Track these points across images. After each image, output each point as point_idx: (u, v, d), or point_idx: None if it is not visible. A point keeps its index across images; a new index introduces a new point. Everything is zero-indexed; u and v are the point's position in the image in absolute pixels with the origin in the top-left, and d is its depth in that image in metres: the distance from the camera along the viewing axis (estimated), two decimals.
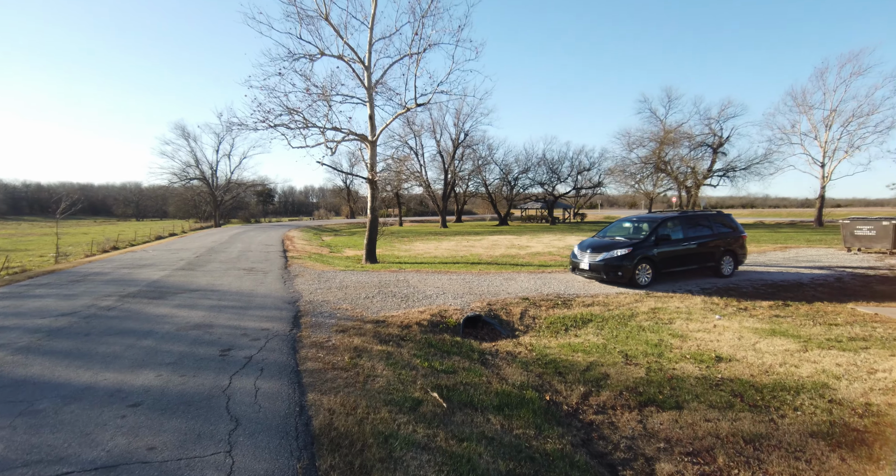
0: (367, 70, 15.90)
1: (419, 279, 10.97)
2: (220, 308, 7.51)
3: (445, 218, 48.05)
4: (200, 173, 50.73)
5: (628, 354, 6.06)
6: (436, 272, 12.23)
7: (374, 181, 16.83)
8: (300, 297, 8.68)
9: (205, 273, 11.74)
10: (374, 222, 17.01)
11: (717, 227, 10.99)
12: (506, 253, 19.20)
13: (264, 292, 9.11)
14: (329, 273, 11.92)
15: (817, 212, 34.39)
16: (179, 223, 51.63)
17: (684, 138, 29.36)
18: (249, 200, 76.25)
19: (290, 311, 7.44)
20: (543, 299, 8.85)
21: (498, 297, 9.02)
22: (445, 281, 10.75)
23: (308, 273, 11.87)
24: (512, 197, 51.50)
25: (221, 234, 29.47)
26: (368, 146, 16.53)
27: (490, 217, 71.77)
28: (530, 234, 32.20)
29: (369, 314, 7.42)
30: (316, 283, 10.22)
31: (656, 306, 8.36)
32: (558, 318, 7.80)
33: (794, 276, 10.89)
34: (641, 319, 7.65)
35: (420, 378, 4.75)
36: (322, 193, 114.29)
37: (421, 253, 19.96)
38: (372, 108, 16.42)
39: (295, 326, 6.41)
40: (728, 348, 6.01)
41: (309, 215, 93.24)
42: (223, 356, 4.96)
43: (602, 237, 11.28)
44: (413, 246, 23.74)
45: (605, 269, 9.90)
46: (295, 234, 30.09)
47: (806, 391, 4.60)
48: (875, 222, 14.10)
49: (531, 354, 6.25)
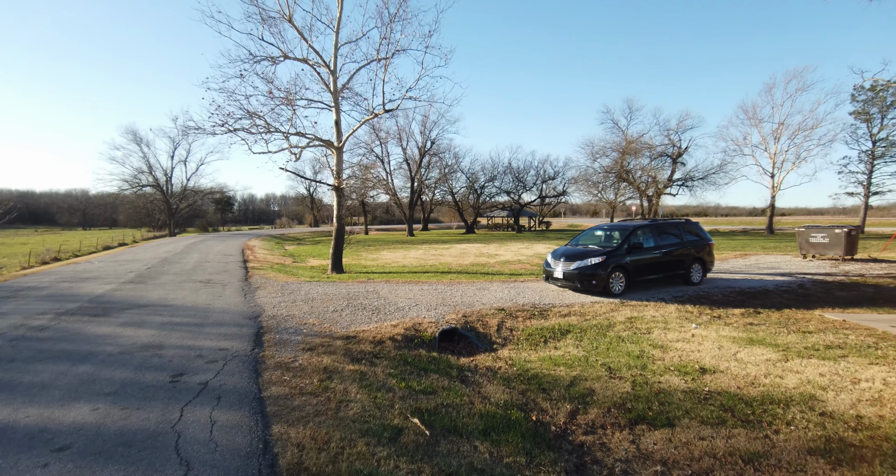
0: (333, 74, 15.43)
1: (390, 290, 10.53)
2: (172, 326, 6.83)
3: (412, 226, 47.59)
4: (154, 180, 48.27)
5: (611, 367, 5.86)
6: (406, 282, 11.82)
7: (341, 188, 16.30)
8: (262, 311, 8.08)
9: (156, 286, 10.87)
10: (341, 231, 16.45)
11: (685, 235, 11.12)
12: (475, 261, 18.98)
13: (223, 307, 8.44)
14: (293, 284, 11.29)
15: (768, 220, 36.15)
16: (131, 232, 48.85)
17: (645, 148, 30.28)
18: (207, 208, 73.19)
19: (252, 327, 6.87)
20: (519, 310, 8.61)
21: (473, 308, 8.71)
22: (417, 291, 10.36)
23: (270, 285, 11.21)
24: (478, 205, 51.65)
25: (176, 244, 27.94)
26: (334, 152, 16.02)
27: (456, 225, 71.79)
28: (498, 242, 32.22)
29: (339, 329, 6.94)
30: (279, 296, 9.61)
31: (632, 315, 8.27)
32: (536, 330, 7.56)
33: (759, 283, 11.14)
34: (620, 329, 7.51)
35: (398, 401, 4.35)
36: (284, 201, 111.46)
37: (389, 262, 19.46)
38: (338, 113, 15.95)
39: (257, 345, 5.87)
40: (710, 359, 5.91)
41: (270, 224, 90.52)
42: (174, 383, 4.39)
43: (575, 245, 11.21)
44: (380, 255, 23.19)
45: (580, 278, 9.79)
46: (256, 244, 28.92)
47: (795, 404, 4.50)
48: (828, 230, 14.75)
49: (512, 369, 5.95)
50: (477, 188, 51.06)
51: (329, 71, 15.35)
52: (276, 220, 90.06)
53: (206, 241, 30.73)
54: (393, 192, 46.97)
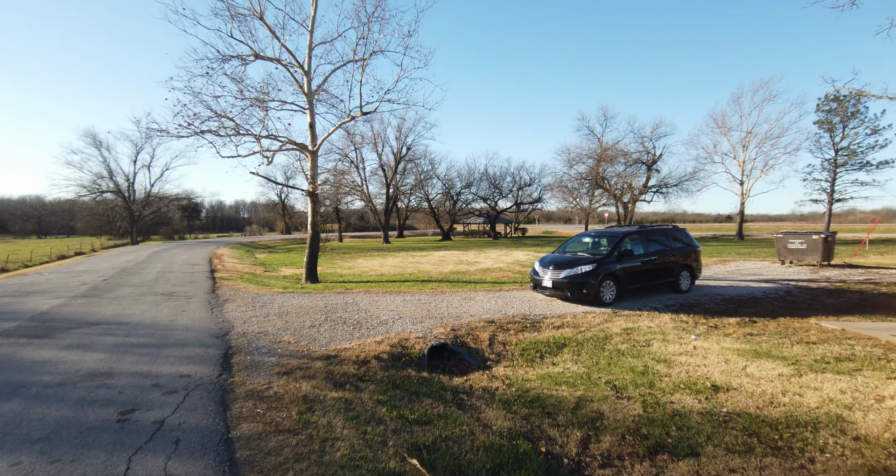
0: (307, 75, 14.78)
1: (370, 301, 9.90)
2: (126, 348, 6.04)
3: (388, 233, 46.80)
4: (115, 186, 45.97)
5: (617, 386, 5.43)
6: (387, 293, 11.20)
7: (315, 194, 15.60)
8: (231, 328, 7.34)
9: (112, 300, 9.91)
10: (316, 238, 15.71)
11: (673, 242, 10.93)
12: (455, 269, 18.49)
13: (186, 323, 7.65)
14: (265, 296, 10.52)
15: (738, 226, 37.05)
16: (89, 241, 46.30)
17: (621, 155, 30.59)
18: (173, 216, 70.43)
19: (219, 347, 6.15)
20: (510, 322, 8.14)
21: (461, 320, 8.19)
22: (400, 303, 9.76)
23: (240, 297, 10.40)
24: (454, 212, 51.31)
25: (138, 253, 26.42)
26: (309, 156, 15.32)
27: (432, 232, 71.24)
28: (476, 249, 31.85)
29: (318, 348, 6.30)
30: (250, 310, 8.85)
31: (628, 326, 7.91)
32: (530, 344, 7.09)
33: (747, 291, 11.02)
34: (617, 342, 7.12)
35: (391, 436, 3.78)
36: (254, 208, 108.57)
37: (366, 270, 18.77)
38: (312, 115, 15.28)
39: (225, 369, 5.18)
40: (720, 374, 5.55)
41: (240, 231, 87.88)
42: (123, 422, 3.69)
43: (563, 253, 10.85)
44: (356, 263, 22.44)
45: (570, 287, 9.40)
46: (224, 252, 27.66)
47: (823, 426, 4.14)
48: (806, 236, 14.93)
49: (510, 390, 5.45)
50: (453, 195, 50.75)
51: (303, 72, 14.69)
52: (246, 228, 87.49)
53: (171, 250, 29.24)
54: (368, 199, 46.15)
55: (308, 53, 14.73)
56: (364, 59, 14.33)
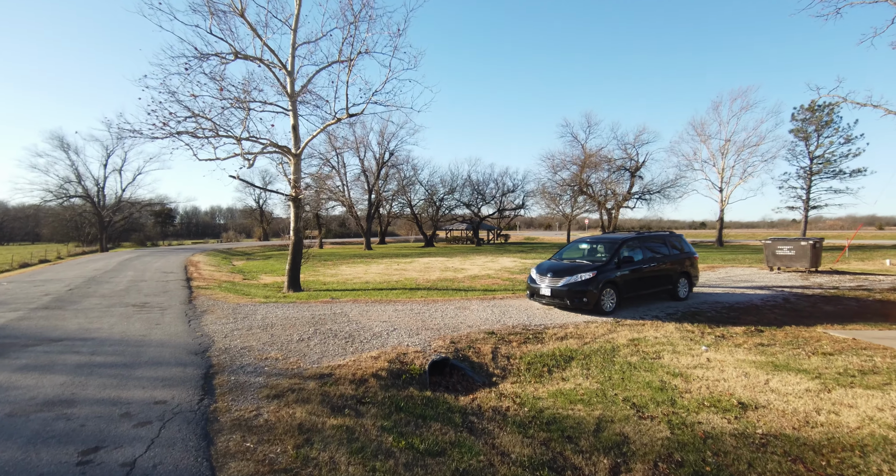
0: (290, 76, 14.25)
1: (360, 311, 9.36)
2: (91, 368, 5.38)
3: (370, 240, 46.03)
4: (83, 191, 44.06)
5: (636, 404, 5.04)
6: (376, 302, 10.66)
7: (299, 199, 14.99)
8: (211, 343, 6.72)
9: (77, 312, 9.12)
10: (298, 245, 15.08)
11: (671, 248, 10.71)
12: (442, 276, 18.04)
13: (161, 338, 6.98)
14: (247, 306, 9.86)
15: (718, 233, 37.61)
16: (55, 248, 44.21)
17: (604, 162, 30.73)
18: (145, 222, 68.07)
19: (199, 366, 5.54)
20: (511, 333, 7.72)
21: (459, 331, 7.73)
22: (391, 313, 9.25)
23: (220, 307, 9.72)
24: (437, 218, 50.87)
25: (108, 261, 25.14)
26: (291, 160, 14.74)
27: (414, 238, 70.65)
28: (460, 255, 31.46)
29: (309, 365, 5.75)
30: (231, 322, 8.21)
31: (634, 337, 7.57)
32: (536, 357, 6.67)
33: (744, 298, 10.87)
34: (626, 354, 6.77)
35: (403, 472, 3.29)
36: (231, 214, 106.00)
37: (350, 278, 18.16)
38: (295, 117, 14.71)
39: (206, 393, 4.60)
40: (742, 390, 5.23)
41: (216, 238, 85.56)
42: (85, 464, 3.10)
43: (559, 260, 10.51)
44: (339, 270, 21.77)
45: (569, 295, 9.04)
46: (200, 259, 26.58)
47: (872, 450, 3.82)
48: (794, 243, 14.98)
49: (523, 410, 5.01)
50: (436, 201, 50.35)
51: (286, 72, 14.15)
52: (223, 234, 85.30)
53: (144, 257, 27.96)
54: (350, 205, 45.33)
55: (291, 53, 14.20)
56: (350, 60, 13.85)
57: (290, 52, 14.17)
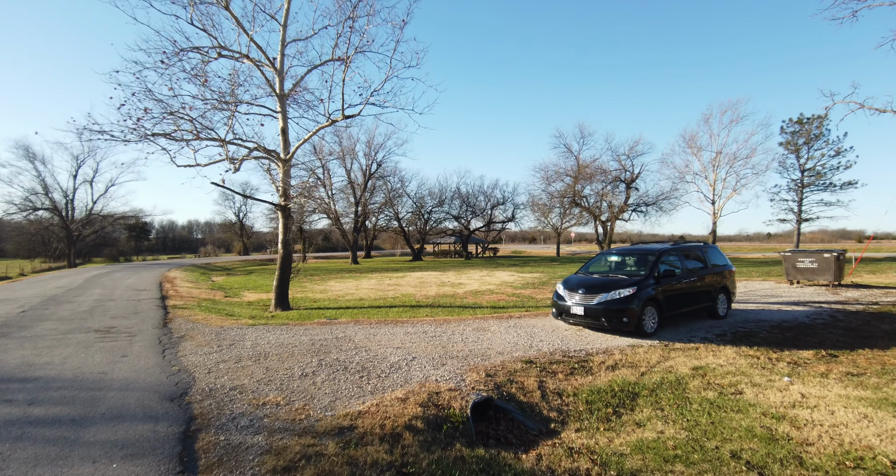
0: (280, 75, 13.09)
1: (366, 335, 8.07)
2: (23, 429, 3.99)
3: (356, 253, 44.47)
4: (51, 203, 41.57)
5: (752, 462, 3.90)
6: (381, 323, 9.38)
7: (287, 208, 13.71)
8: (192, 382, 5.36)
9: (24, 341, 7.58)
10: (287, 259, 13.74)
11: (708, 260, 9.74)
12: (441, 292, 16.82)
13: (126, 376, 5.58)
14: (232, 330, 8.47)
15: None
16: (19, 264, 41.41)
17: (599, 173, 30.12)
18: (118, 236, 65.09)
19: (176, 420, 4.20)
20: (551, 361, 6.54)
21: (489, 360, 6.52)
22: (402, 336, 7.99)
23: (201, 332, 8.31)
24: (425, 231, 49.65)
25: (75, 277, 23.15)
26: (280, 166, 13.48)
27: (400, 252, 69.15)
28: (453, 269, 30.25)
29: (321, 412, 4.45)
30: (216, 351, 6.83)
31: (695, 365, 6.47)
32: (593, 393, 5.50)
33: (787, 315, 9.93)
34: (697, 387, 5.65)
35: None
36: (209, 228, 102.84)
37: (341, 294, 16.81)
38: (285, 120, 13.50)
39: (186, 469, 3.27)
40: (878, 440, 4.14)
41: (194, 252, 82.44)
42: None
43: (588, 274, 9.41)
44: (328, 286, 20.36)
45: (607, 315, 7.92)
46: (177, 275, 24.76)
47: None
48: (816, 254, 14.25)
49: (608, 474, 3.81)
50: (424, 213, 49.20)
51: (274, 71, 12.98)
52: (201, 249, 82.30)
53: (115, 273, 25.96)
54: (336, 218, 43.83)
55: (281, 50, 13.07)
56: (347, 57, 12.72)
57: (280, 50, 13.04)
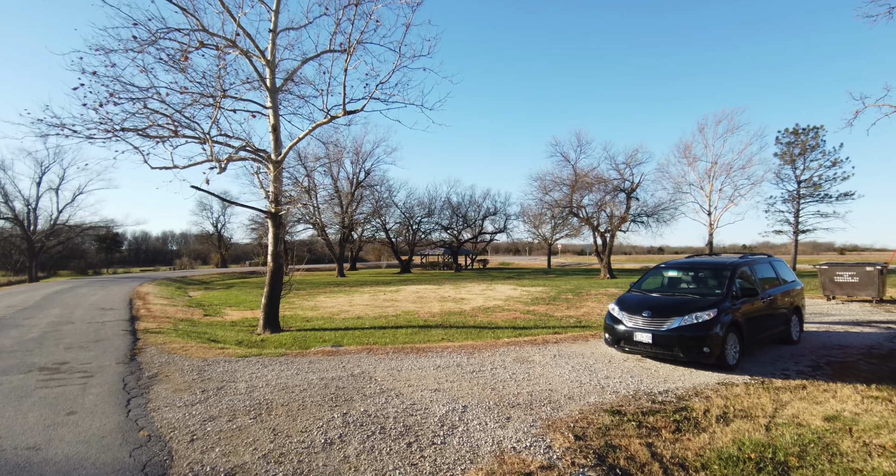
0: (270, 66, 11.63)
1: (387, 371, 6.49)
2: None
3: (342, 266, 42.53)
4: (11, 212, 38.59)
5: None
6: (398, 352, 7.79)
7: (279, 215, 12.13)
8: (168, 460, 3.70)
9: None
10: (278, 273, 12.13)
11: (778, 276, 8.48)
12: (445, 309, 15.30)
13: (68, 453, 3.88)
14: (219, 364, 6.77)
15: None
16: None
17: (599, 182, 29.17)
18: (87, 247, 61.56)
19: None
20: (641, 410, 5.07)
21: (561, 409, 5.02)
22: (433, 372, 6.44)
23: (178, 367, 6.58)
24: (414, 242, 48.00)
25: (32, 294, 20.78)
26: (271, 168, 11.91)
27: (386, 264, 67.22)
28: (449, 282, 28.71)
29: None
30: (200, 402, 5.15)
31: (825, 413, 5.08)
32: (726, 464, 4.03)
33: (864, 339, 8.72)
34: (855, 452, 4.24)
35: None
36: (185, 240, 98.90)
37: (335, 312, 15.16)
38: (276, 116, 11.97)
39: None
40: None
41: (169, 265, 78.91)
42: None
43: (645, 291, 8.00)
44: (318, 301, 18.61)
45: (683, 343, 6.50)
46: (150, 290, 22.59)
47: None
48: (857, 268, 13.22)
49: None
50: (413, 224, 47.61)
51: (265, 62, 11.49)
52: (176, 261, 78.80)
53: (80, 288, 23.58)
54: (321, 228, 41.90)
55: (272, 39, 11.60)
56: (350, 45, 11.22)
57: (271, 39, 11.55)
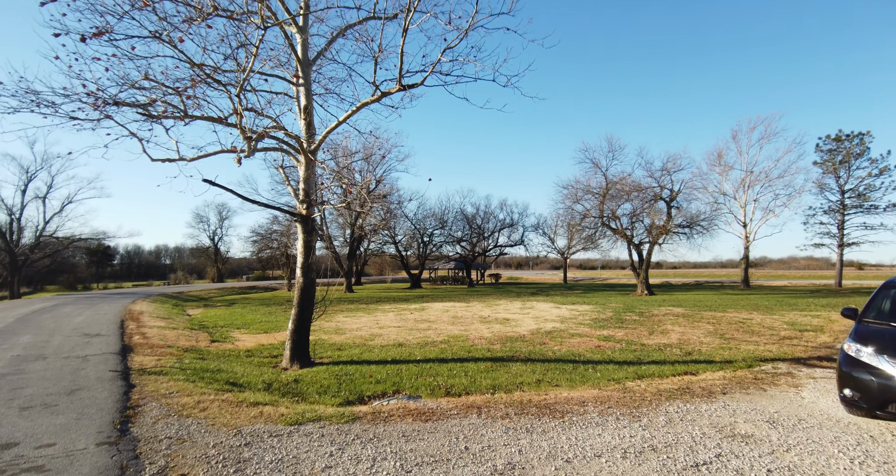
0: (302, 34, 9.34)
1: (544, 456, 3.90)
2: None
3: (351, 280, 39.83)
4: None
5: None
6: (522, 413, 5.21)
7: (311, 219, 9.62)
8: None
9: None
10: (310, 291, 9.65)
11: None
12: (497, 333, 12.73)
13: None
14: (262, 443, 4.16)
15: (743, 273, 34.14)
16: None
17: (635, 191, 26.93)
18: (77, 261, 58.44)
19: None
20: None
21: None
22: (621, 463, 3.86)
23: (199, 454, 3.96)
24: (426, 255, 45.37)
25: (6, 314, 17.91)
26: (302, 160, 9.43)
27: (392, 278, 64.40)
28: (474, 299, 26.06)
29: None
30: None
31: None
32: None
33: None
34: None
35: None
36: (179, 254, 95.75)
37: (364, 336, 12.64)
38: (309, 96, 9.58)
39: None
40: None
41: (163, 279, 75.69)
42: None
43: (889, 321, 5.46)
44: (340, 322, 15.94)
45: None
46: (144, 309, 19.79)
47: None
48: None
49: None
50: (424, 236, 45.06)
51: (296, 29, 9.13)
52: (171, 275, 75.67)
53: (65, 307, 20.70)
54: (329, 240, 39.29)
55: (305, 3, 9.22)
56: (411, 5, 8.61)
57: (304, 2, 9.16)
